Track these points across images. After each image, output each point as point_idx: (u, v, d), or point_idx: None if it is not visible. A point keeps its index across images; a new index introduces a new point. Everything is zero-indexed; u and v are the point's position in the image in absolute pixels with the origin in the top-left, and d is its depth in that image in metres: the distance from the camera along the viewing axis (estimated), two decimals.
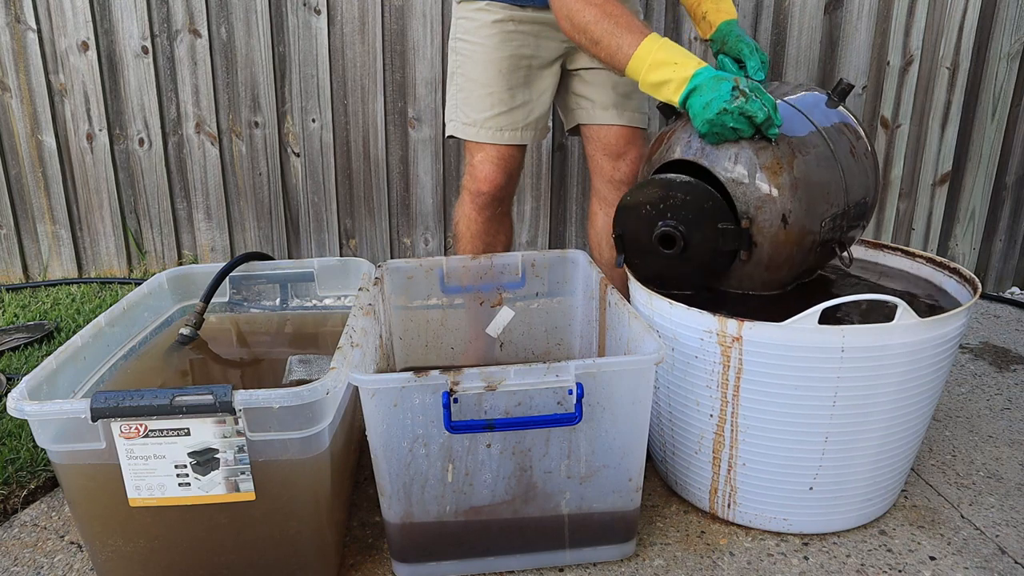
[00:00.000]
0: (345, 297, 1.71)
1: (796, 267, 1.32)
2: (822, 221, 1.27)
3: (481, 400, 1.11)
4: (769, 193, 1.24)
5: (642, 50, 1.30)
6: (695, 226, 1.30)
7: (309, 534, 1.15)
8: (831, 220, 1.28)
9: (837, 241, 1.32)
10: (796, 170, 1.24)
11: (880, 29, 2.44)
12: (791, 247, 1.27)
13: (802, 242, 1.27)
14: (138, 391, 1.03)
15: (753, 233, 1.27)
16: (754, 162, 1.24)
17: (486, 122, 1.63)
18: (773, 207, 1.24)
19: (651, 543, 1.32)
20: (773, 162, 1.24)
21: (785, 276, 1.33)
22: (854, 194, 1.31)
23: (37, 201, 2.54)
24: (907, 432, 1.29)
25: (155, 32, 2.41)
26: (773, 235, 1.26)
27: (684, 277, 1.38)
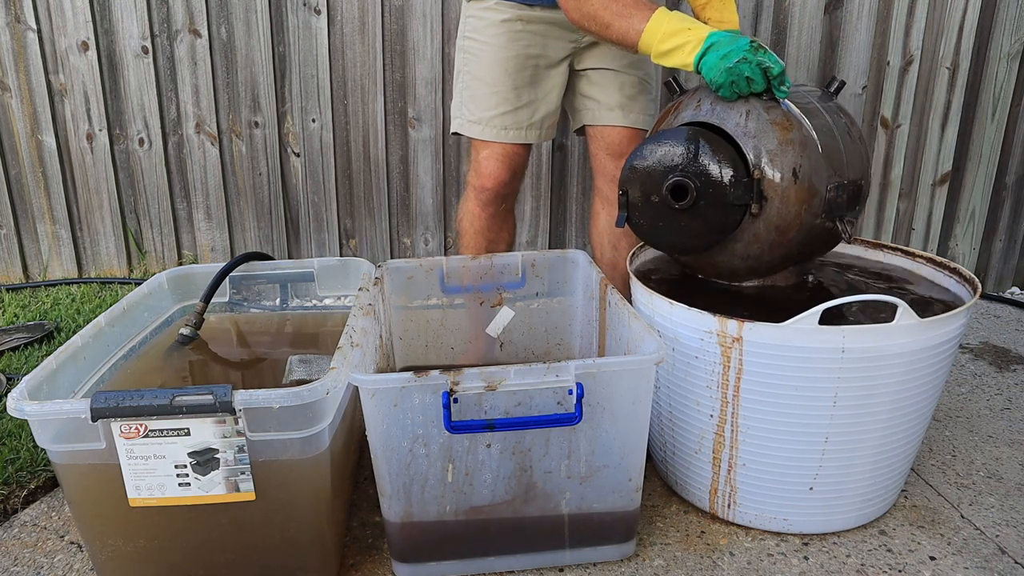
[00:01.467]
0: (345, 297, 1.71)
1: (804, 232, 1.31)
2: (828, 185, 1.29)
3: (481, 400, 1.11)
4: (780, 146, 1.26)
5: (653, 22, 1.34)
6: (707, 177, 1.30)
7: (309, 534, 1.15)
8: (835, 189, 1.30)
9: (839, 217, 1.32)
10: (804, 130, 1.28)
11: (880, 29, 2.44)
12: (800, 205, 1.28)
13: (811, 202, 1.28)
14: (138, 391, 1.03)
15: (764, 187, 1.27)
16: (765, 118, 1.28)
17: (491, 120, 1.64)
18: (784, 160, 1.26)
19: (651, 543, 1.32)
20: (784, 119, 1.28)
21: (793, 242, 1.32)
22: (853, 171, 1.33)
23: (37, 201, 2.54)
24: (907, 432, 1.29)
25: (155, 32, 2.41)
26: (784, 189, 1.27)
27: (693, 235, 1.35)
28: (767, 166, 1.27)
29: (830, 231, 1.34)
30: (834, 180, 1.30)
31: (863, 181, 1.36)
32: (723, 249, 1.36)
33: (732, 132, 1.29)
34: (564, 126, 2.33)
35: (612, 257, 1.79)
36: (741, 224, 1.31)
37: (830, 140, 1.30)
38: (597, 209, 1.80)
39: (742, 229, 1.32)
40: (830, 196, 1.29)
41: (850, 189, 1.32)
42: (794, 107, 1.30)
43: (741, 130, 1.28)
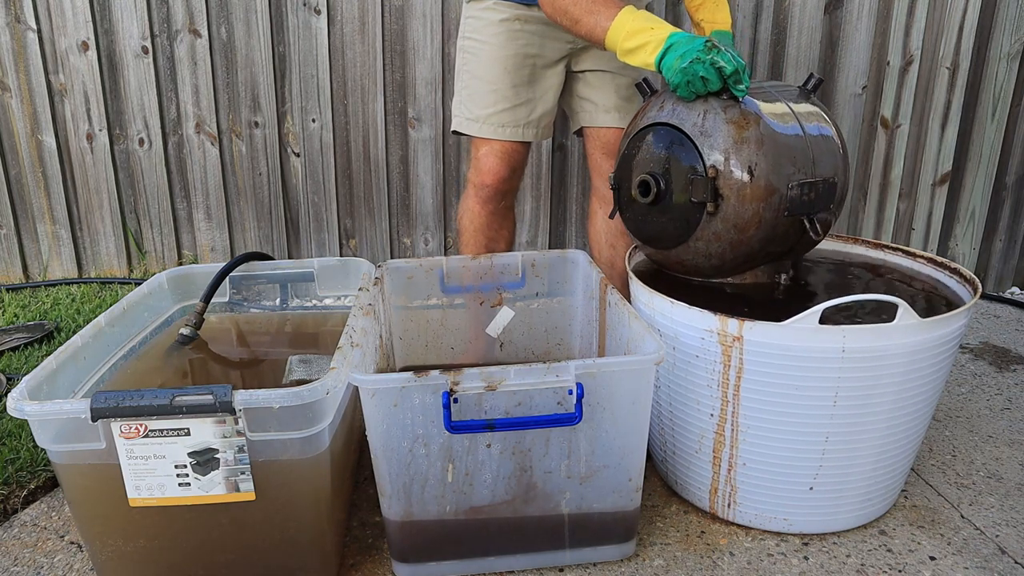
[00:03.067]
0: (345, 297, 1.71)
1: (765, 230, 1.31)
2: (789, 183, 1.28)
3: (481, 400, 1.11)
4: (735, 145, 1.27)
5: (619, 20, 1.36)
6: (669, 175, 1.35)
7: (309, 534, 1.15)
8: (799, 187, 1.29)
9: (807, 215, 1.32)
10: (762, 127, 1.28)
11: (880, 29, 2.44)
12: (758, 203, 1.28)
13: (769, 200, 1.28)
14: (138, 391, 1.03)
15: (720, 185, 1.28)
16: (721, 117, 1.28)
17: (489, 118, 1.64)
18: (739, 158, 1.27)
19: (651, 543, 1.32)
20: (740, 117, 1.28)
21: (754, 240, 1.32)
22: (823, 168, 1.32)
23: (37, 201, 2.54)
24: (907, 432, 1.29)
25: (155, 32, 2.41)
26: (739, 187, 1.27)
27: (661, 231, 1.39)
28: (722, 164, 1.28)
29: (799, 229, 1.33)
30: (797, 177, 1.29)
31: (836, 179, 1.34)
32: (688, 247, 1.38)
33: (689, 132, 1.31)
34: (564, 126, 2.34)
35: (610, 256, 1.79)
36: (701, 222, 1.32)
37: (794, 137, 1.30)
38: (595, 208, 1.81)
39: (702, 227, 1.33)
40: (793, 194, 1.29)
41: (820, 187, 1.31)
42: (758, 105, 1.30)
43: (698, 129, 1.30)
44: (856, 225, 2.64)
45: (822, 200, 1.33)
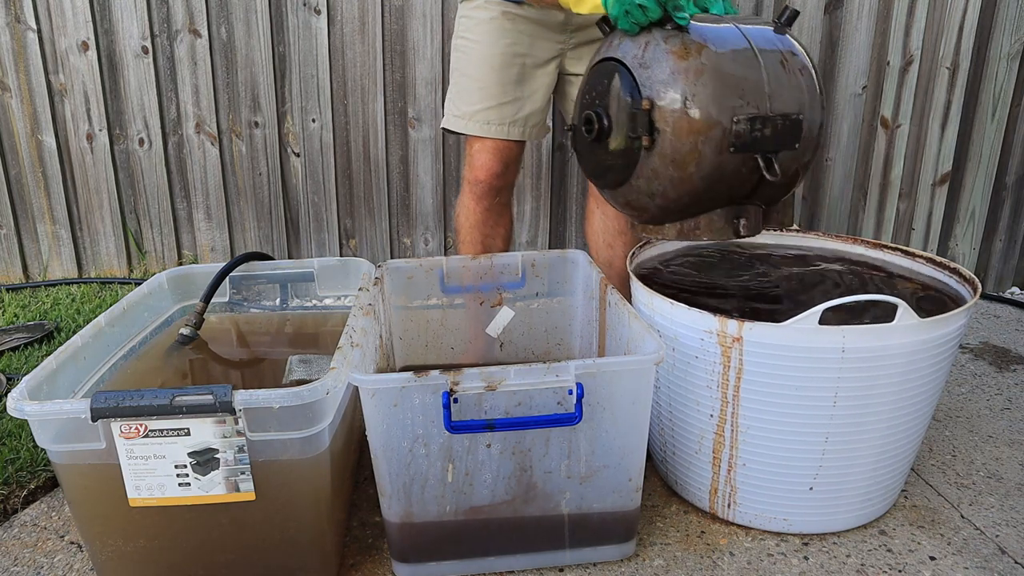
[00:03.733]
0: (345, 297, 1.71)
1: (707, 168, 1.22)
2: (734, 116, 1.19)
3: (481, 400, 1.11)
4: (672, 75, 1.19)
5: None
6: (607, 110, 1.28)
7: (309, 534, 1.15)
8: (748, 122, 1.19)
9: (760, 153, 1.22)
10: (704, 56, 1.20)
11: (880, 29, 2.44)
12: (695, 136, 1.19)
13: (708, 133, 1.19)
14: (138, 391, 1.03)
15: (655, 118, 1.21)
16: (662, 47, 1.22)
17: (475, 115, 1.65)
18: (675, 89, 1.19)
19: (651, 543, 1.32)
20: (681, 48, 1.20)
21: (696, 179, 1.23)
22: (781, 103, 1.22)
23: (37, 201, 2.54)
24: (907, 432, 1.29)
25: (155, 32, 2.41)
26: (675, 120, 1.19)
27: (606, 168, 1.34)
28: (657, 96, 1.20)
29: (755, 169, 1.22)
30: (746, 111, 1.20)
31: (803, 116, 1.23)
32: (631, 186, 1.30)
33: (629, 64, 1.24)
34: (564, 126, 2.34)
35: (608, 256, 1.79)
36: (640, 159, 1.25)
37: (746, 68, 1.21)
38: (592, 208, 1.81)
39: (641, 164, 1.25)
40: (740, 128, 1.19)
41: (778, 123, 1.21)
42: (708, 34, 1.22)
43: (637, 61, 1.24)
44: (856, 225, 2.64)
45: (781, 138, 1.22)
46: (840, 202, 2.61)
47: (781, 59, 1.25)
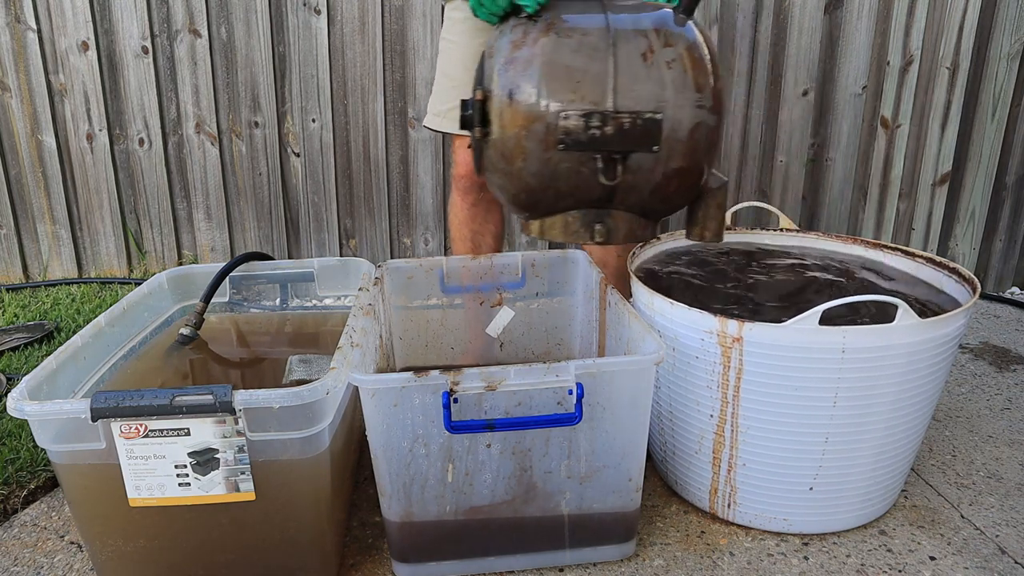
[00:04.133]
0: (345, 297, 1.71)
1: (535, 164, 1.15)
2: (563, 112, 1.10)
3: (481, 400, 1.11)
4: (504, 65, 1.14)
5: None
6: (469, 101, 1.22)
7: (309, 534, 1.15)
8: (581, 117, 1.10)
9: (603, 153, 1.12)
10: (539, 46, 1.13)
11: (880, 29, 2.44)
12: (519, 131, 1.13)
13: (531, 128, 1.12)
14: (138, 391, 1.03)
15: (488, 110, 1.16)
16: (506, 37, 1.17)
17: (448, 112, 1.66)
18: (504, 79, 1.14)
19: (651, 543, 1.32)
20: (521, 36, 1.15)
21: (526, 175, 1.17)
22: (631, 99, 1.11)
23: (37, 201, 2.54)
24: (907, 432, 1.29)
25: (155, 32, 2.41)
26: (500, 112, 1.14)
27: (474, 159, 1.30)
28: (490, 87, 1.15)
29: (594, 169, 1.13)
30: (579, 106, 1.10)
31: (658, 114, 1.11)
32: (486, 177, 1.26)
33: (485, 53, 1.21)
34: None
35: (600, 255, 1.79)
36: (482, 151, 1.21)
37: (587, 60, 1.11)
38: None
39: (484, 157, 1.21)
40: (570, 124, 1.10)
41: (627, 122, 1.10)
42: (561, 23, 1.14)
43: (488, 50, 1.20)
44: (856, 225, 2.64)
45: (628, 138, 1.11)
46: (840, 202, 2.61)
47: (646, 50, 1.12)
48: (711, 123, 1.15)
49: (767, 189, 2.59)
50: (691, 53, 1.14)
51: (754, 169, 2.58)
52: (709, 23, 2.43)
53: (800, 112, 2.52)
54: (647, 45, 1.13)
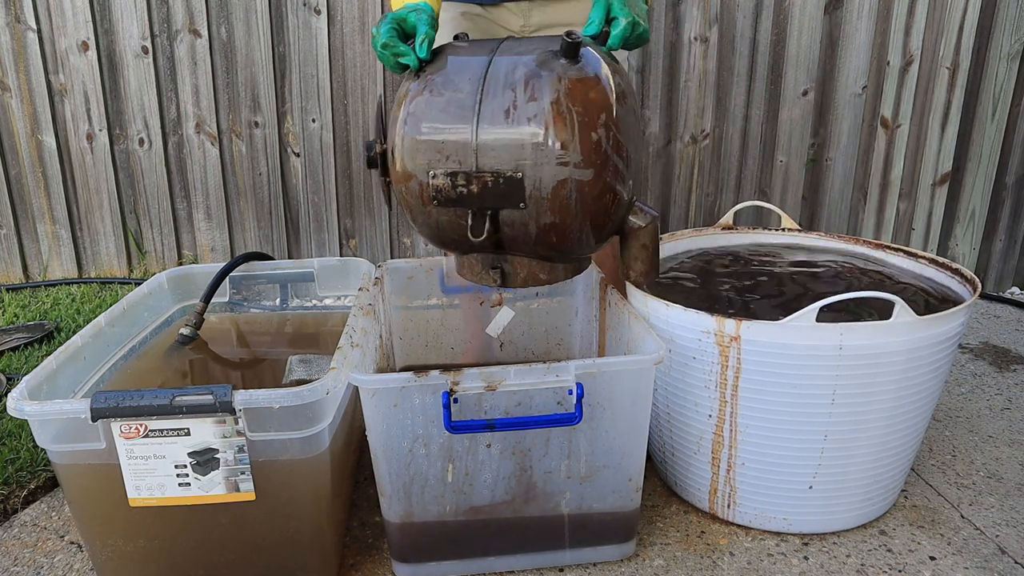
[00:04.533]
0: (345, 297, 1.71)
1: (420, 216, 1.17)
2: (431, 171, 1.11)
3: (481, 400, 1.11)
4: (392, 121, 1.17)
5: None
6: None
7: (309, 534, 1.15)
8: (447, 177, 1.10)
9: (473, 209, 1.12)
10: (414, 105, 1.14)
11: (880, 29, 2.44)
12: (401, 185, 1.16)
13: (409, 184, 1.14)
14: (138, 391, 1.03)
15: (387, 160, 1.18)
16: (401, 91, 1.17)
17: None
18: (391, 134, 1.16)
19: (651, 543, 1.32)
20: (403, 94, 1.16)
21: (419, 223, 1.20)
22: (490, 159, 1.09)
23: (37, 201, 2.54)
24: (907, 431, 1.29)
25: (155, 32, 2.41)
26: (390, 164, 1.17)
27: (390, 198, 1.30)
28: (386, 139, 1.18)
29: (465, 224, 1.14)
30: (445, 165, 1.11)
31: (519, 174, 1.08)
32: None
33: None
34: None
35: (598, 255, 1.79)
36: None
37: (453, 118, 1.11)
38: None
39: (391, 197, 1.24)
40: (438, 183, 1.11)
41: (486, 180, 1.09)
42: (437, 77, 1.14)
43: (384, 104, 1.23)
44: (856, 225, 2.64)
45: (494, 196, 1.10)
46: (840, 202, 2.61)
47: (509, 106, 1.09)
48: (581, 177, 1.08)
49: (767, 189, 2.59)
50: (556, 107, 1.07)
51: (754, 169, 2.58)
52: (709, 23, 2.43)
53: (800, 112, 2.52)
54: (512, 100, 1.10)
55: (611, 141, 1.09)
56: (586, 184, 1.08)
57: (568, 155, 1.07)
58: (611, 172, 1.10)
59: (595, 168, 1.08)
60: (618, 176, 1.11)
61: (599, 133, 1.08)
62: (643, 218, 1.20)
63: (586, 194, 1.09)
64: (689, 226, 2.63)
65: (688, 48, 2.46)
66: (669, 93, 2.51)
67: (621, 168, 1.11)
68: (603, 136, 1.08)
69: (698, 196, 2.61)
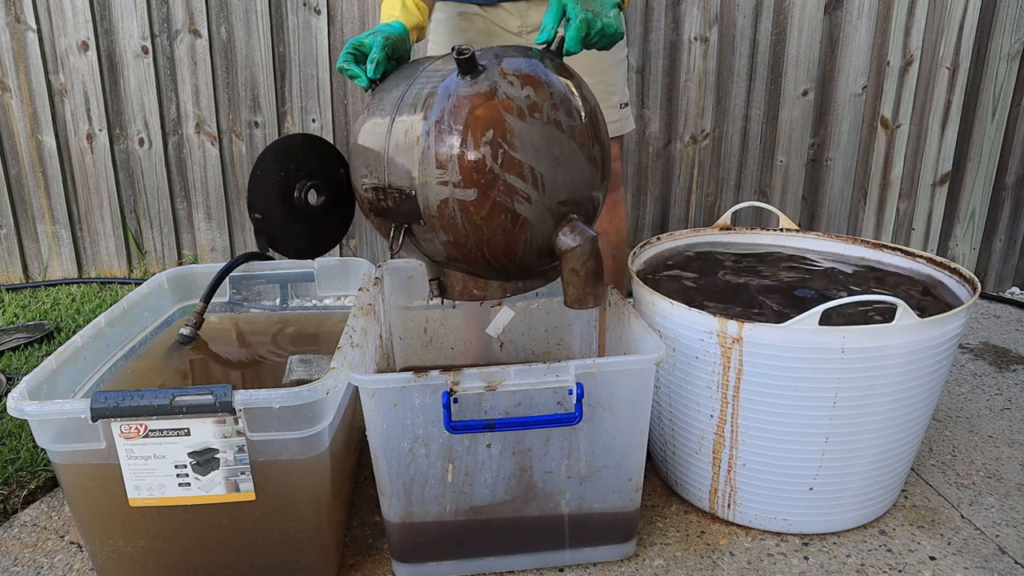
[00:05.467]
0: (345, 297, 1.71)
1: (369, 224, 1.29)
2: (363, 186, 1.19)
3: (481, 400, 1.11)
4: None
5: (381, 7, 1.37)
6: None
7: (309, 534, 1.15)
8: (372, 191, 1.17)
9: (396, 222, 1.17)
10: (359, 122, 1.21)
11: (880, 29, 2.44)
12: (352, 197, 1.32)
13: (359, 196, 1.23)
14: (138, 391, 1.03)
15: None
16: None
17: None
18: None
19: (651, 543, 1.32)
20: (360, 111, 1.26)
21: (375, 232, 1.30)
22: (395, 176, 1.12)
23: (37, 201, 2.54)
24: (907, 432, 1.29)
25: (155, 32, 2.41)
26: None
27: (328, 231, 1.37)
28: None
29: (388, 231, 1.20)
30: (369, 180, 1.17)
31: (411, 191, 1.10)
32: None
33: None
34: None
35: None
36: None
37: (375, 138, 1.16)
38: None
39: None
40: (368, 196, 1.18)
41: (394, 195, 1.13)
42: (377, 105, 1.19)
43: None
44: (856, 225, 2.64)
45: (400, 211, 1.14)
46: (840, 202, 2.61)
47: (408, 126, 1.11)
48: (463, 197, 1.06)
49: (767, 189, 2.59)
50: (439, 126, 1.06)
51: (754, 169, 2.58)
52: (709, 23, 2.44)
53: (800, 112, 2.52)
54: (411, 120, 1.11)
55: (501, 160, 1.05)
56: (470, 204, 1.06)
57: (447, 174, 1.06)
58: (503, 192, 1.06)
59: (478, 188, 1.05)
60: (515, 196, 1.06)
61: (482, 151, 1.04)
62: (574, 239, 1.10)
63: (472, 214, 1.07)
64: (689, 226, 2.63)
65: (688, 48, 2.46)
66: (669, 93, 2.50)
67: (521, 188, 1.07)
68: (488, 155, 1.04)
69: (698, 196, 2.61)
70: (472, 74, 1.07)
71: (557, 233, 1.12)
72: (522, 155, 1.06)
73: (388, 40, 1.24)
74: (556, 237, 1.11)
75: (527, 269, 1.16)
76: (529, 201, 1.08)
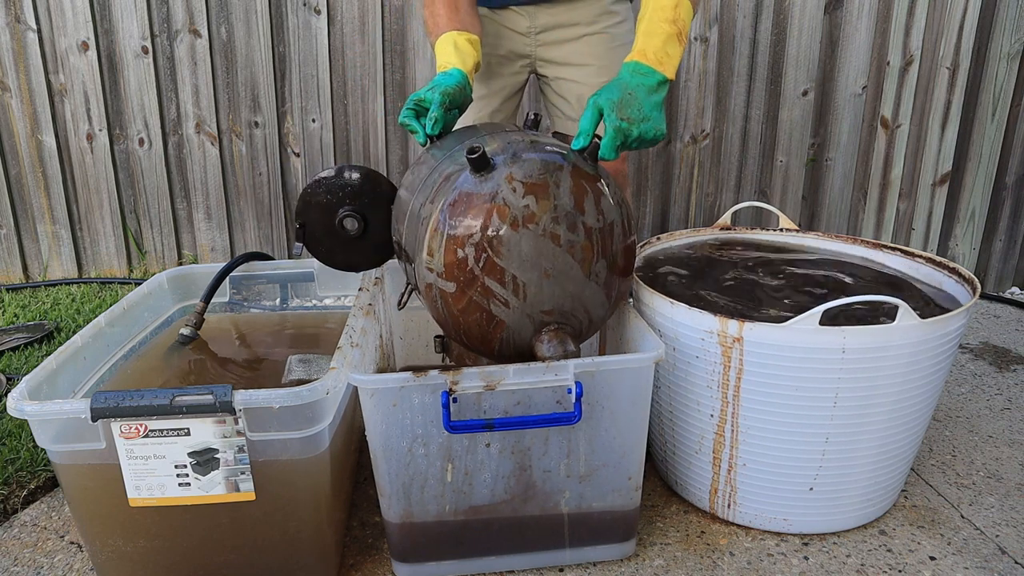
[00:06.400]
0: (345, 297, 1.71)
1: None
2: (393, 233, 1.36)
3: (480, 399, 1.11)
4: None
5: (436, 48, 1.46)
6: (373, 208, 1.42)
7: (309, 534, 1.15)
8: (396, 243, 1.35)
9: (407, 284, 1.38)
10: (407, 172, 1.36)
11: (880, 29, 2.44)
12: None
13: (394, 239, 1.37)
14: (138, 391, 1.03)
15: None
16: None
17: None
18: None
19: (651, 543, 1.32)
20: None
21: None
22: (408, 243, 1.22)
23: (37, 201, 2.54)
24: (907, 432, 1.29)
25: (155, 32, 2.41)
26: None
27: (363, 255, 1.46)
28: None
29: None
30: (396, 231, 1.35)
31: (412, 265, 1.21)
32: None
33: None
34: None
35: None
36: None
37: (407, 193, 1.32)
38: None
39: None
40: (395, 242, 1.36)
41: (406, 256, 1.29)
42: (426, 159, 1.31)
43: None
44: (856, 225, 2.64)
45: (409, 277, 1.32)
46: (840, 202, 2.61)
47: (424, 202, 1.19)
48: (444, 287, 1.09)
49: (767, 189, 2.59)
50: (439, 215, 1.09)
51: (754, 169, 2.58)
52: (709, 23, 2.44)
53: (800, 112, 2.52)
54: (426, 198, 1.17)
55: (483, 263, 1.07)
56: (449, 295, 1.10)
57: (433, 262, 1.10)
58: (479, 293, 1.08)
59: (457, 283, 1.09)
60: (491, 298, 1.09)
61: (466, 252, 1.07)
62: (550, 349, 1.10)
63: (450, 305, 1.11)
64: (689, 226, 2.63)
65: (688, 48, 2.46)
66: (669, 93, 2.50)
67: (499, 292, 1.08)
68: (471, 256, 1.07)
69: (698, 196, 2.61)
70: (484, 171, 1.08)
71: (536, 339, 1.12)
72: (505, 263, 1.07)
73: (446, 96, 1.31)
74: (535, 342, 1.12)
75: (507, 360, 1.15)
76: (507, 306, 1.10)
